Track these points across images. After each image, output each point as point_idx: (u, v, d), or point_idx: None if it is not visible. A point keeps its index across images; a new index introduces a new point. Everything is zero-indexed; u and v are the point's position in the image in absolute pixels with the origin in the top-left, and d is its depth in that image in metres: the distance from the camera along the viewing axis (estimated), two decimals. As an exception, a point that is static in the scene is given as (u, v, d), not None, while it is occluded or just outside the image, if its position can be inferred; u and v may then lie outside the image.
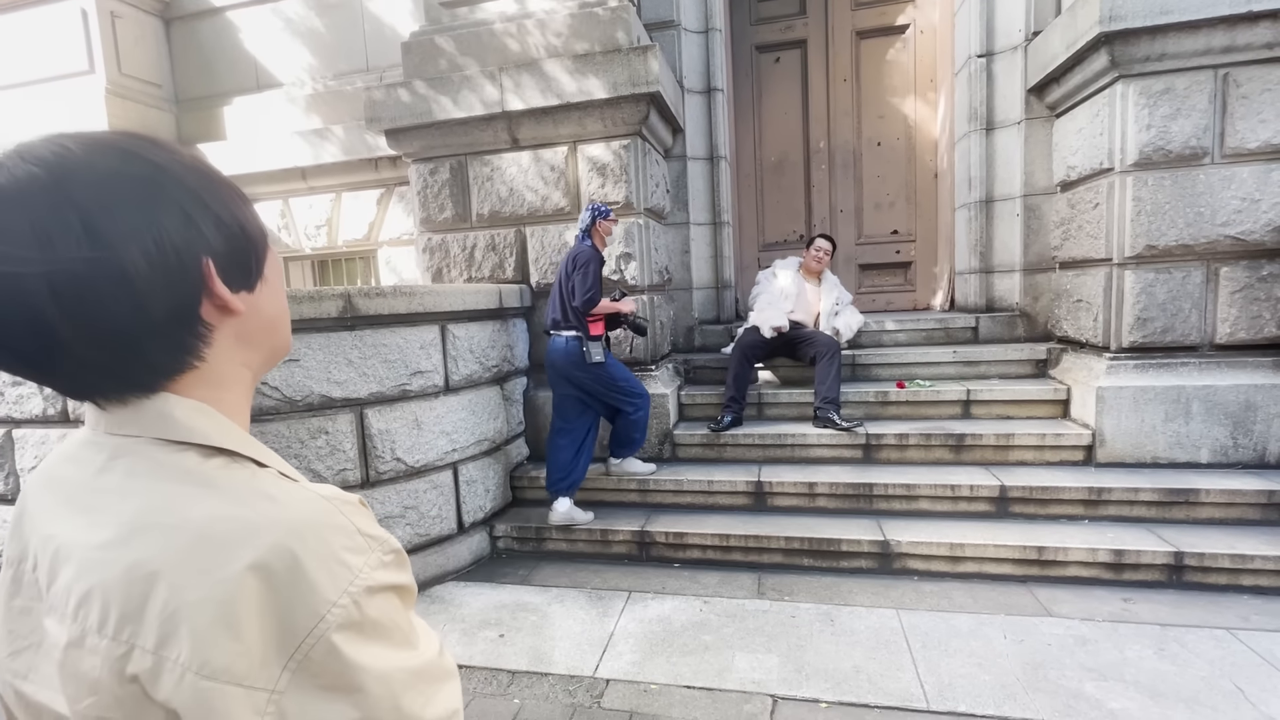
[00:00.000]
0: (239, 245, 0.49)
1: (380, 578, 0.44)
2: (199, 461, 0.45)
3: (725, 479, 3.37)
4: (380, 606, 0.44)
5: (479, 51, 3.78)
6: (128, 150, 0.44)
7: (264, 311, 0.52)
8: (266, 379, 2.62)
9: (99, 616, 0.40)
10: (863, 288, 5.12)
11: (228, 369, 0.50)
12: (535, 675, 2.32)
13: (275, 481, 0.46)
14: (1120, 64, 3.05)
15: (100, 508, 0.44)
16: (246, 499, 0.44)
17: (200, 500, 0.43)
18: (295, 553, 0.41)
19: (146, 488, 0.44)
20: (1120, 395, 3.17)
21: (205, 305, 0.47)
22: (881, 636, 2.43)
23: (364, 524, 0.46)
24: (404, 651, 0.45)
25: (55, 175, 0.40)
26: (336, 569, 0.42)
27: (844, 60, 5.03)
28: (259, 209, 5.11)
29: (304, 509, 0.44)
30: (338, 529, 0.44)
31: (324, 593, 0.41)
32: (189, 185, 0.46)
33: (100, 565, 0.41)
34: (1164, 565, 2.68)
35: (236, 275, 0.49)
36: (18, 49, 4.96)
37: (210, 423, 0.47)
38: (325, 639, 0.40)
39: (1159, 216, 3.10)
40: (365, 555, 0.44)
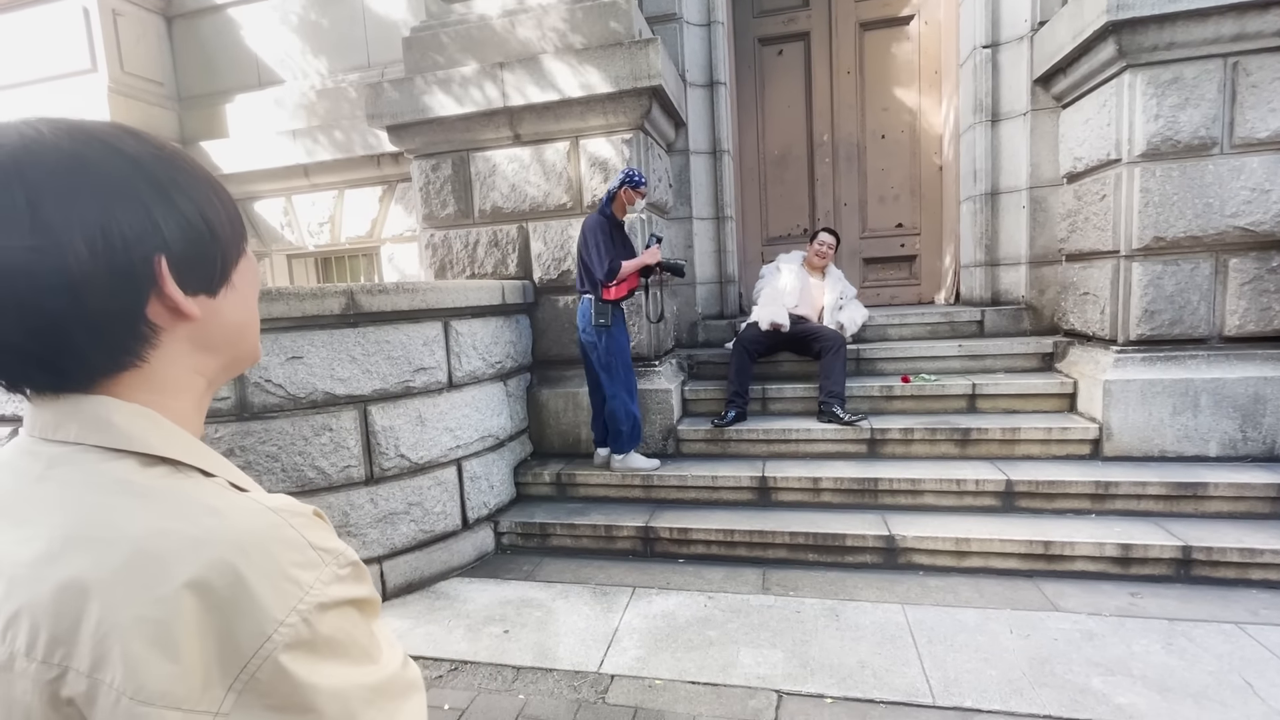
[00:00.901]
0: (202, 247, 0.47)
1: (334, 593, 0.42)
2: (138, 470, 0.43)
3: (729, 474, 3.37)
4: (335, 623, 0.42)
5: (479, 46, 3.76)
6: (99, 138, 0.43)
7: (225, 319, 0.50)
8: (270, 376, 2.63)
9: (27, 638, 0.38)
10: (867, 282, 5.09)
11: (176, 374, 0.48)
12: (540, 671, 2.32)
13: (220, 492, 0.44)
14: (1128, 53, 3.01)
15: (33, 520, 0.42)
16: (186, 511, 0.41)
17: (136, 513, 0.41)
18: (238, 569, 0.39)
19: (80, 499, 0.41)
20: (1128, 388, 3.14)
21: (153, 305, 0.45)
22: (887, 631, 2.42)
23: (316, 537, 0.44)
24: (362, 667, 0.43)
25: (15, 156, 0.39)
26: (284, 585, 0.40)
27: (847, 52, 4.98)
28: (262, 206, 5.14)
29: (249, 522, 0.42)
30: (286, 543, 0.42)
31: (270, 611, 0.39)
32: (157, 179, 0.44)
33: (29, 583, 0.39)
34: (1172, 559, 2.66)
35: (195, 278, 0.47)
36: (21, 48, 4.97)
37: (152, 428, 0.45)
38: (272, 659, 0.38)
39: (1167, 208, 3.07)
40: (317, 570, 0.42)
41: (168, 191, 0.45)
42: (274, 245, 5.31)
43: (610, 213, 3.23)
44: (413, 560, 2.98)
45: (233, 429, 2.61)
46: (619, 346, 3.27)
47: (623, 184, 3.20)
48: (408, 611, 2.78)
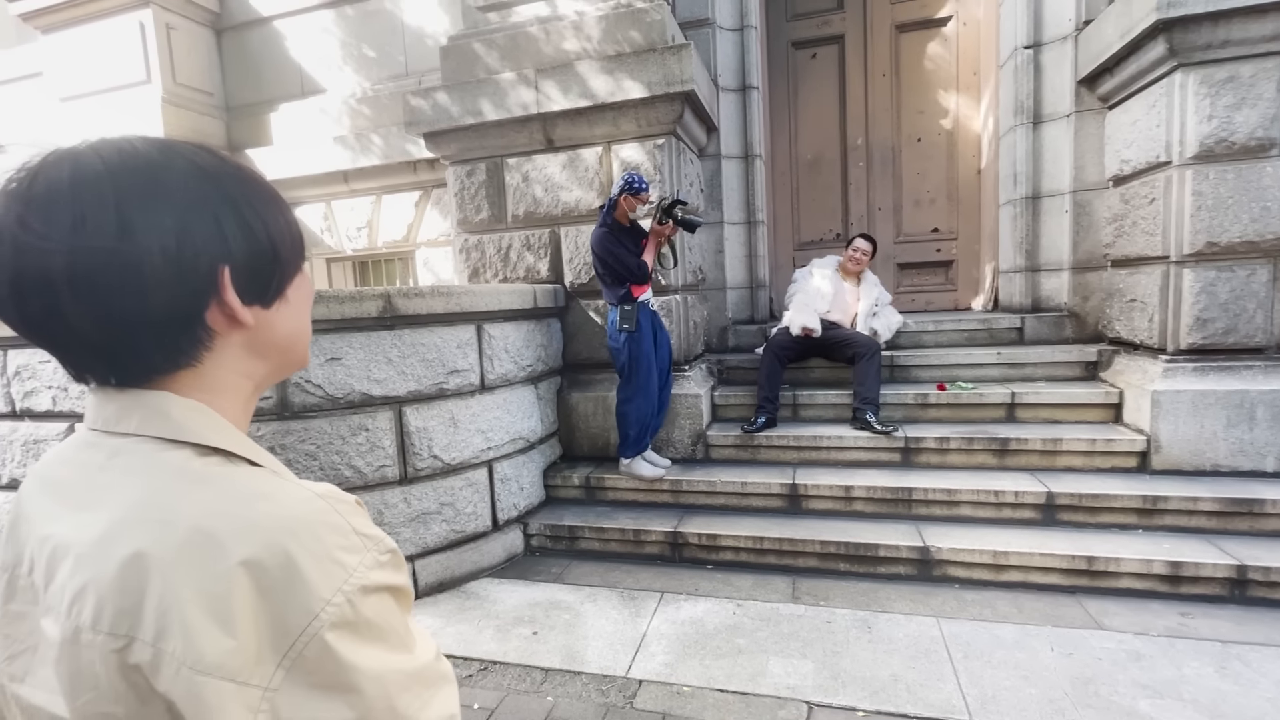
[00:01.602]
0: (264, 261, 0.50)
1: (375, 577, 0.44)
2: (194, 459, 0.46)
3: (759, 480, 3.34)
4: (375, 607, 0.43)
5: (514, 54, 3.82)
6: (184, 155, 0.46)
7: (277, 330, 0.53)
8: (310, 376, 2.70)
9: (93, 612, 0.40)
10: (901, 287, 5.00)
11: (225, 377, 0.51)
12: (568, 674, 2.33)
13: (270, 479, 0.47)
14: (1179, 52, 2.91)
15: (96, 505, 0.44)
16: (240, 496, 0.44)
17: (194, 496, 0.43)
18: (289, 550, 0.41)
19: (141, 484, 0.44)
20: (1178, 399, 3.02)
21: (212, 311, 0.48)
22: (921, 645, 2.37)
23: (359, 523, 0.46)
24: (400, 654, 0.45)
25: (112, 168, 0.43)
26: (331, 567, 0.42)
27: (883, 55, 4.92)
28: (303, 211, 5.29)
29: (299, 507, 0.44)
30: (333, 527, 0.44)
31: (318, 590, 0.41)
32: (230, 195, 0.48)
33: (94, 561, 0.42)
34: (1225, 579, 2.54)
35: (253, 289, 0.50)
36: (81, 62, 5.22)
37: (206, 422, 0.48)
38: (319, 637, 0.40)
39: (1221, 211, 2.94)
40: (360, 554, 0.44)
41: (239, 207, 0.48)
42: (314, 249, 5.46)
43: (612, 222, 3.21)
44: (444, 560, 3.03)
45: (274, 427, 2.68)
46: (642, 353, 3.28)
47: (622, 192, 3.14)
48: (439, 610, 2.82)
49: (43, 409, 2.92)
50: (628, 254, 3.20)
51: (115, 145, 0.44)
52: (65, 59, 5.26)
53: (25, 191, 0.42)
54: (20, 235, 0.41)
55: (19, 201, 0.42)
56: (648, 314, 3.33)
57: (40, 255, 0.41)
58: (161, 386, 0.47)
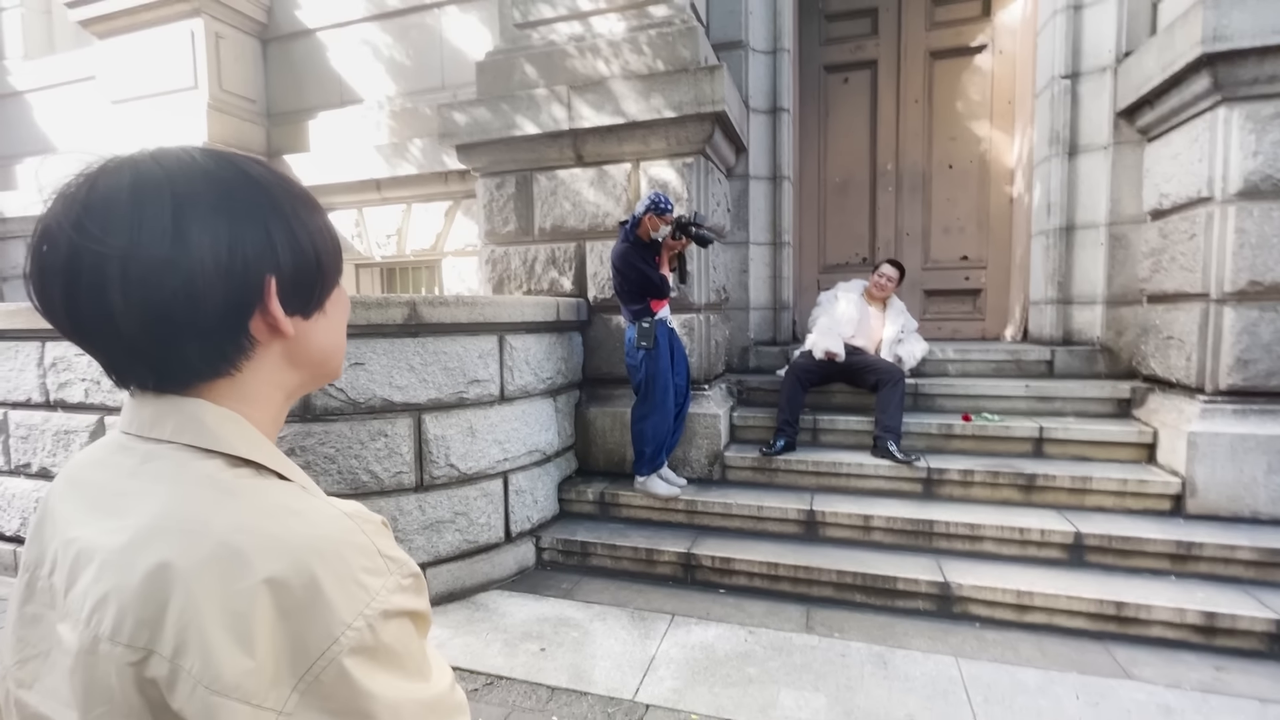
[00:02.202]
0: (308, 274, 0.51)
1: (397, 602, 0.43)
2: (225, 469, 0.46)
3: (776, 505, 3.28)
4: (394, 632, 0.43)
5: (549, 71, 3.88)
6: (239, 166, 0.47)
7: (314, 341, 0.54)
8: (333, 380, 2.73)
9: (113, 622, 0.40)
10: (928, 314, 4.93)
11: (260, 387, 0.51)
12: (574, 693, 2.29)
13: (299, 495, 0.46)
14: (1224, 86, 2.84)
15: (125, 511, 0.44)
16: (269, 511, 0.43)
17: (223, 508, 0.43)
18: (314, 570, 0.40)
19: (170, 492, 0.44)
20: (1216, 442, 2.91)
21: (256, 319, 0.48)
22: (939, 685, 2.29)
23: (385, 545, 0.45)
24: (416, 682, 0.44)
25: (172, 176, 0.44)
26: (354, 590, 0.41)
27: (916, 81, 4.90)
28: (336, 217, 5.39)
29: (327, 526, 0.44)
30: (359, 549, 0.43)
31: (339, 613, 0.40)
32: (280, 207, 0.49)
33: (118, 568, 0.41)
34: (1264, 633, 2.42)
35: (296, 300, 0.51)
36: (134, 66, 5.42)
37: (239, 432, 0.48)
38: (337, 662, 0.39)
39: (1265, 250, 2.86)
40: (384, 577, 0.43)
41: (288, 219, 0.49)
42: (344, 255, 5.55)
43: (636, 238, 3.23)
44: (455, 569, 3.02)
45: (295, 429, 2.71)
46: (659, 370, 3.26)
47: (647, 211, 3.16)
48: (447, 621, 2.81)
49: (75, 401, 3.00)
50: (650, 268, 3.20)
51: (175, 155, 0.45)
52: (118, 64, 5.47)
53: (84, 196, 0.43)
54: (76, 239, 0.42)
55: (77, 205, 0.43)
56: (665, 331, 3.31)
57: (95, 259, 0.42)
58: (198, 394, 0.48)
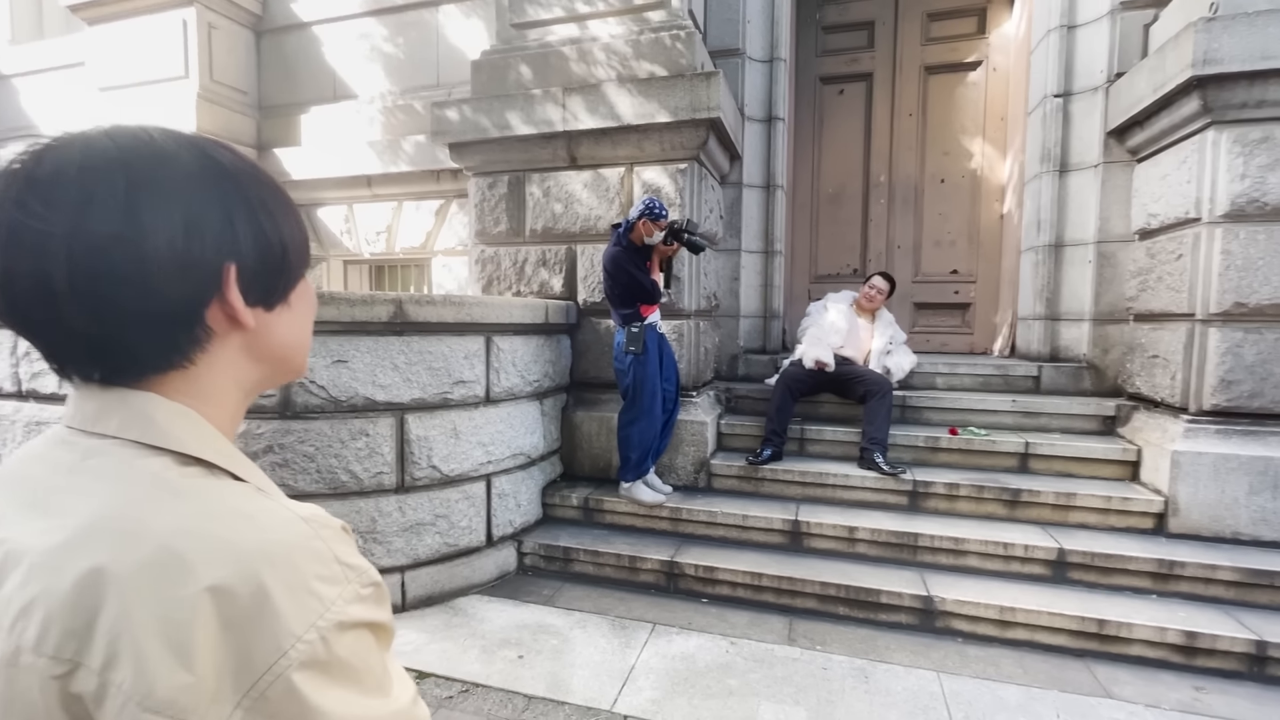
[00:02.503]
0: (273, 263, 0.48)
1: (354, 613, 0.41)
2: (172, 468, 0.43)
3: (761, 515, 3.26)
4: (351, 645, 0.40)
5: (545, 72, 3.86)
6: (202, 148, 0.45)
7: (276, 335, 0.51)
8: (315, 377, 2.68)
9: (38, 631, 0.37)
10: (917, 327, 4.94)
11: (217, 381, 0.48)
12: (552, 703, 2.25)
13: (252, 497, 0.43)
14: (1213, 109, 2.87)
15: (60, 510, 0.41)
16: (217, 514, 0.41)
17: (166, 510, 0.40)
18: (262, 578, 0.38)
19: (110, 491, 0.41)
20: (1199, 461, 2.93)
21: (213, 309, 0.45)
22: (920, 700, 2.27)
23: (343, 552, 0.43)
24: (374, 699, 0.41)
25: (125, 154, 0.41)
26: (306, 599, 0.38)
27: (910, 95, 4.93)
28: (325, 212, 5.34)
29: (279, 531, 0.41)
30: (313, 555, 0.41)
31: (289, 625, 0.37)
32: (246, 193, 0.46)
33: (47, 572, 0.38)
34: (1244, 654, 2.43)
35: (258, 290, 0.48)
36: (123, 54, 5.34)
37: (190, 429, 0.45)
38: (285, 677, 0.36)
39: (1251, 272, 2.88)
40: (340, 586, 0.41)
41: (253, 206, 0.47)
42: (332, 251, 5.50)
43: (628, 242, 3.20)
44: (434, 573, 2.97)
45: (274, 426, 2.66)
46: (647, 375, 3.23)
47: (642, 216, 3.14)
48: (424, 625, 2.76)
49: (48, 391, 2.92)
50: (641, 273, 3.18)
51: (131, 133, 0.43)
52: (108, 50, 5.39)
53: (29, 172, 0.40)
54: (16, 216, 0.39)
55: (20, 181, 0.40)
56: (655, 336, 3.29)
57: (37, 236, 0.39)
58: (148, 387, 0.45)
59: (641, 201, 3.16)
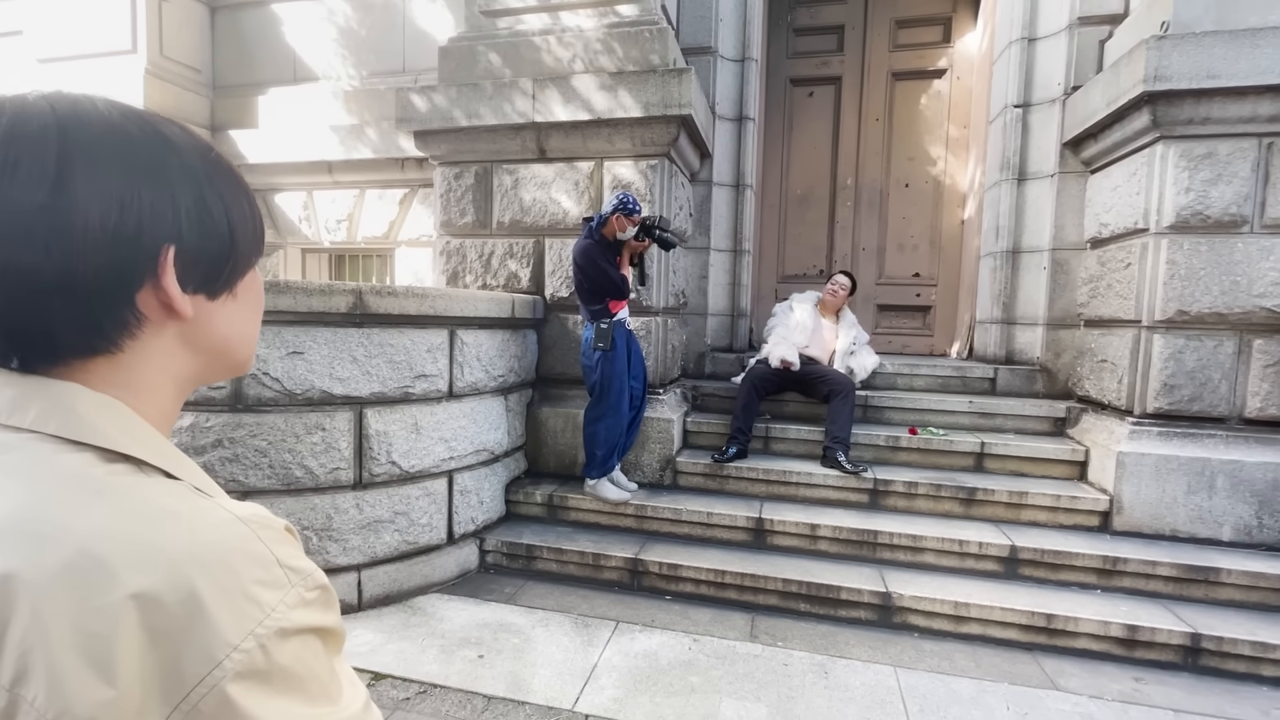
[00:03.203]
0: (217, 249, 0.45)
1: (298, 618, 0.38)
2: (96, 464, 0.39)
3: (725, 512, 3.28)
4: (295, 652, 0.37)
5: (515, 62, 3.79)
6: (148, 120, 0.42)
7: (217, 328, 0.47)
8: (268, 369, 2.57)
9: None
10: (880, 328, 5.04)
11: (147, 372, 0.44)
12: (512, 703, 2.22)
13: (185, 496, 0.40)
14: (1162, 124, 2.99)
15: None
16: (145, 514, 0.37)
17: (87, 510, 0.36)
18: (193, 583, 0.35)
19: (26, 490, 0.37)
20: (1142, 462, 3.05)
21: (145, 294, 0.42)
22: (877, 695, 2.31)
23: (286, 554, 0.40)
24: (321, 707, 0.38)
25: (62, 119, 0.39)
26: (244, 606, 0.36)
27: (878, 100, 5.01)
28: (283, 198, 5.15)
29: (213, 531, 0.38)
30: (252, 558, 0.38)
31: (224, 634, 0.35)
32: (193, 171, 0.43)
33: None
34: (1180, 646, 2.54)
35: (199, 277, 0.45)
36: (66, 23, 5.05)
37: (117, 422, 0.41)
38: (219, 689, 0.34)
39: (1193, 282, 3.02)
40: (282, 591, 0.38)
41: (200, 186, 0.44)
42: (290, 238, 5.31)
43: (600, 237, 3.17)
44: (393, 571, 2.89)
45: (224, 420, 2.55)
46: (615, 373, 3.21)
47: (616, 211, 3.12)
48: (382, 625, 2.69)
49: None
50: (612, 268, 3.15)
51: (72, 99, 0.40)
52: (48, 19, 5.08)
53: None
54: None
55: None
56: (623, 333, 3.27)
57: None
58: (71, 376, 0.41)
59: (615, 196, 3.13)
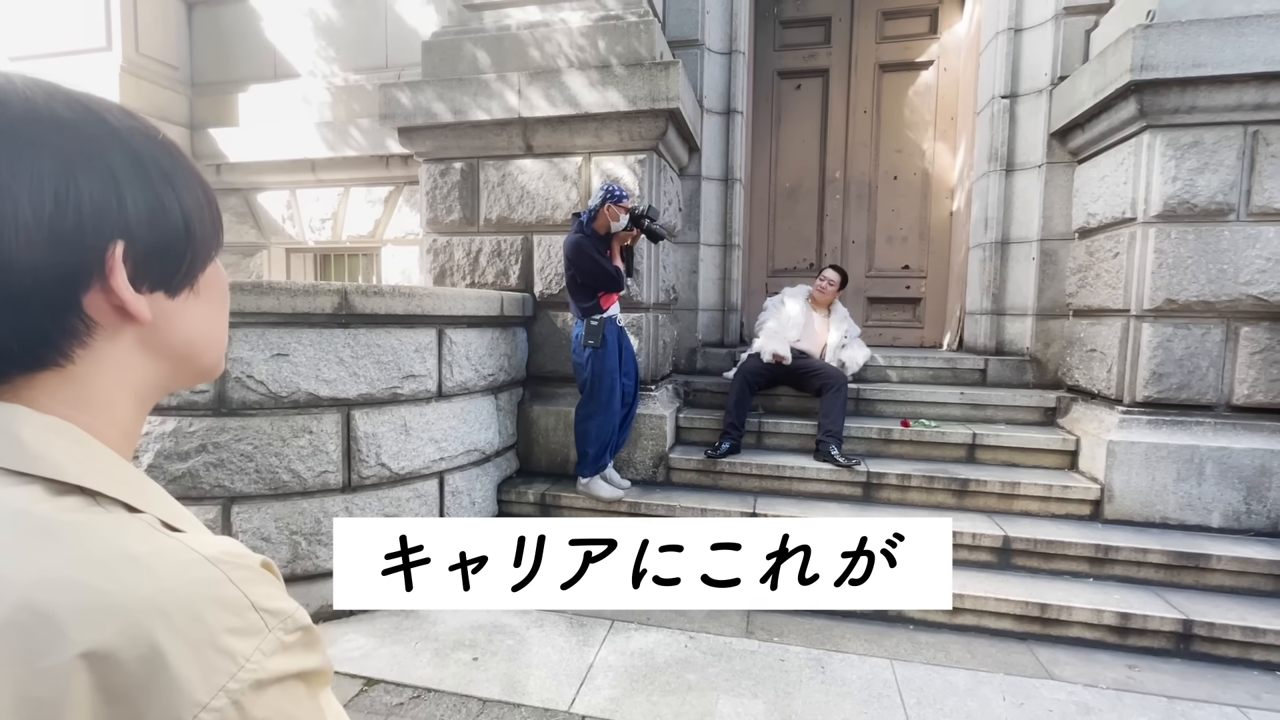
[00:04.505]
0: (172, 239, 0.41)
1: (277, 666, 0.34)
2: (43, 500, 0.35)
3: (719, 507, 3.26)
4: (274, 703, 0.34)
5: (500, 56, 3.74)
6: (81, 101, 0.37)
7: (180, 329, 0.43)
8: (252, 372, 2.53)
9: None
10: (870, 321, 5.04)
11: (102, 385, 0.40)
12: (508, 705, 2.19)
13: (145, 535, 0.35)
14: (1149, 114, 3.00)
15: None
16: (98, 558, 0.33)
17: (32, 555, 0.32)
18: (154, 637, 0.31)
19: None
20: (1132, 451, 3.07)
21: (93, 296, 0.37)
22: (874, 688, 2.31)
23: (262, 595, 0.36)
24: None
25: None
26: (214, 659, 0.32)
27: (865, 92, 5.00)
28: (265, 197, 5.06)
29: (178, 576, 0.34)
30: (222, 604, 0.34)
31: (190, 693, 0.31)
32: (138, 156, 0.38)
33: None
34: (1171, 633, 2.56)
35: (155, 272, 0.40)
36: (34, 20, 4.93)
37: (69, 448, 0.37)
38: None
39: (1180, 270, 3.03)
40: (258, 638, 0.34)
41: (147, 171, 0.39)
42: (274, 238, 5.23)
43: (592, 230, 3.14)
44: (384, 575, 2.85)
45: (208, 424, 2.50)
46: (605, 370, 3.19)
47: (605, 201, 3.09)
48: (374, 629, 2.65)
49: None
50: (605, 260, 3.12)
51: None
52: (19, 16, 4.96)
53: None
54: None
55: None
56: (614, 329, 3.24)
57: None
58: (14, 395, 0.37)
59: (602, 187, 3.10)
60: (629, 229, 3.16)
